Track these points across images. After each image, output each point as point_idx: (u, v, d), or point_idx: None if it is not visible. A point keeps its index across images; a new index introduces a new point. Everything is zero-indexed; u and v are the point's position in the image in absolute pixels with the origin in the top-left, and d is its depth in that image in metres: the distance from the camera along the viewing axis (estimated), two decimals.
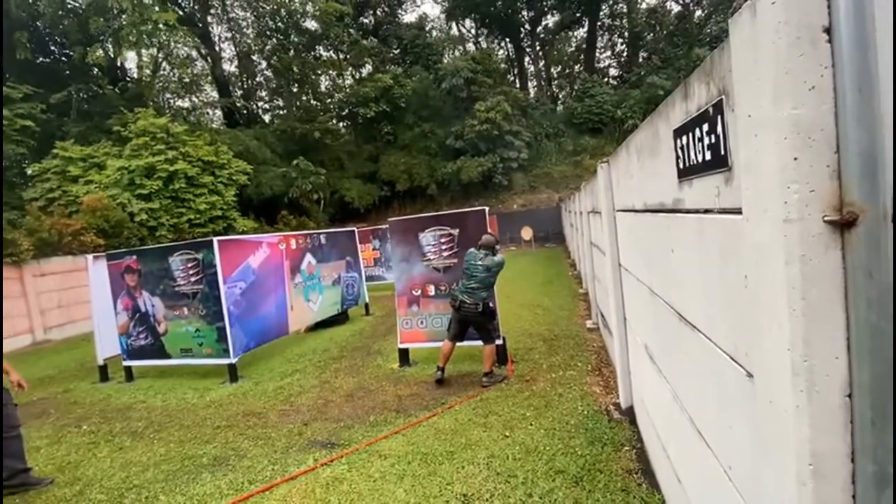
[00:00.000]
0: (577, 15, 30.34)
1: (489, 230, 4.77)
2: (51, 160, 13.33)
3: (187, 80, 20.78)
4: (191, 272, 5.51)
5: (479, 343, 4.58)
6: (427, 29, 29.18)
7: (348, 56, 27.32)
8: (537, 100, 29.33)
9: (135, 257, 5.80)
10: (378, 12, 29.49)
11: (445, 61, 27.39)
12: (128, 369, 6.06)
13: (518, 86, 30.32)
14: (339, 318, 8.07)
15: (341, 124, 29.95)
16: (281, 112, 28.85)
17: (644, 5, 31.61)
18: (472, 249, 4.52)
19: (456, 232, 5.00)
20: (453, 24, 33.83)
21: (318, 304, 7.37)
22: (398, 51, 28.20)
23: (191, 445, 3.82)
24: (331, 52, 29.31)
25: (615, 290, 3.34)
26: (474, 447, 3.22)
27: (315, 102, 28.98)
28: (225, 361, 5.46)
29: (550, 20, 31.44)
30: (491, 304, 4.44)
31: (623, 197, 2.83)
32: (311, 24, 26.16)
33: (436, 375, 4.60)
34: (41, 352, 9.07)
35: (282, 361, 6.13)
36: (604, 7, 30.58)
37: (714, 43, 22.94)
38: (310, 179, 21.01)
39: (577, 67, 34.43)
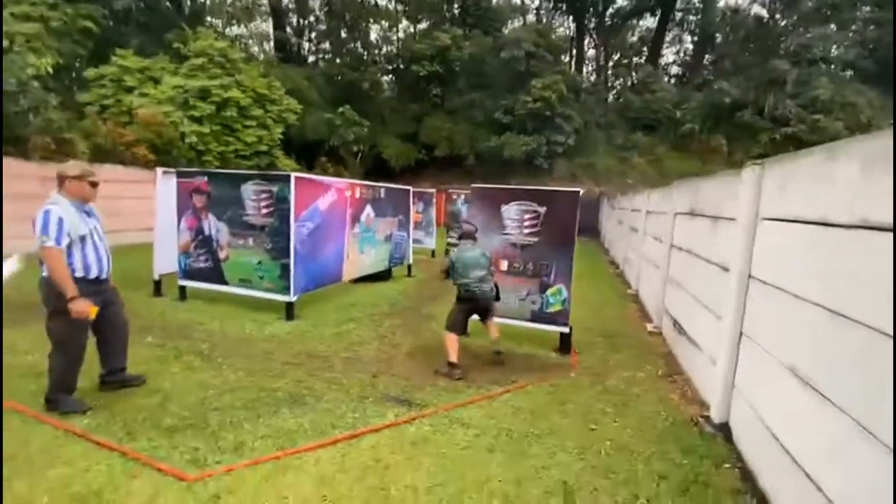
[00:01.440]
0: (651, 3, 28.74)
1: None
2: (109, 66, 13.19)
3: (247, 4, 20.23)
4: (262, 204, 5.41)
5: (538, 326, 4.78)
6: None
7: (407, 8, 26.35)
8: (593, 86, 28.22)
9: (206, 179, 5.71)
10: None
11: (505, 31, 26.35)
12: (182, 288, 6.09)
13: (573, 68, 29.15)
14: (383, 275, 8.01)
15: (384, 78, 29.33)
16: (326, 56, 28.25)
17: (722, 3, 29.83)
18: (462, 244, 4.43)
19: (543, 210, 4.79)
20: None
21: (370, 257, 7.29)
22: (458, 10, 27.11)
23: (261, 377, 3.80)
24: (389, 2, 28.38)
25: (736, 301, 3.14)
26: (560, 434, 3.13)
27: (363, 52, 28.30)
28: (284, 298, 5.43)
29: (622, 3, 29.84)
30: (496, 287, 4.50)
31: (793, 206, 2.59)
32: None
33: (454, 374, 4.01)
34: None
35: (334, 308, 6.10)
36: (679, 0, 28.91)
37: (794, 58, 21.64)
38: (353, 129, 20.69)
39: (635, 59, 32.93)
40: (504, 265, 5.01)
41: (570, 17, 32.21)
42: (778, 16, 27.16)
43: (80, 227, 3.03)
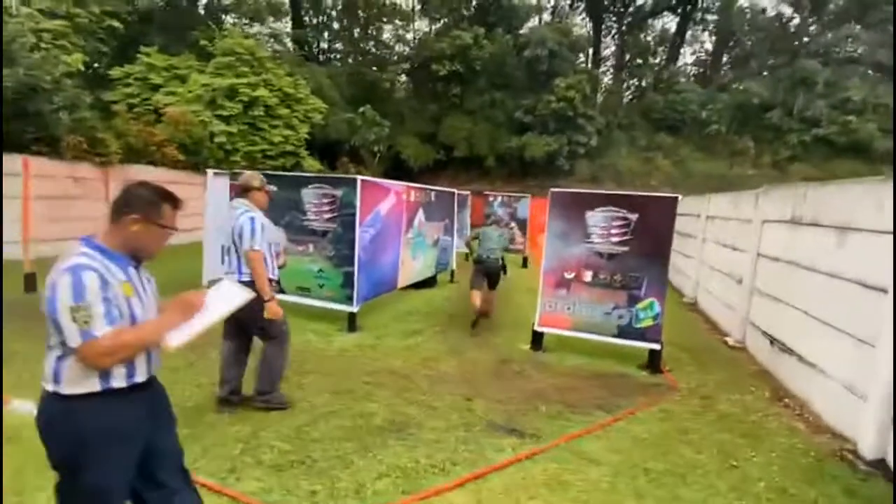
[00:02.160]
0: (672, 1, 28.25)
1: None
2: (134, 65, 12.97)
3: (269, 3, 19.98)
4: (325, 209, 5.11)
5: (620, 341, 4.61)
6: None
7: (423, 6, 26.01)
8: (615, 85, 27.77)
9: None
10: None
11: (525, 29, 25.96)
12: None
13: (590, 66, 28.68)
14: (429, 281, 7.70)
15: (402, 77, 29.03)
16: (338, 56, 27.99)
17: (744, 1, 29.28)
18: (490, 224, 6.34)
19: (634, 217, 4.45)
20: None
21: (419, 263, 6.98)
22: (475, 9, 26.73)
23: (349, 399, 3.48)
24: None
25: (886, 323, 2.78)
26: (702, 473, 2.79)
27: (376, 51, 28.01)
28: (346, 308, 5.13)
29: (641, 1, 29.33)
30: (504, 262, 5.93)
31: None
32: None
33: (471, 323, 5.41)
34: None
35: (392, 318, 5.79)
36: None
37: (822, 57, 21.13)
38: (374, 129, 20.39)
39: (654, 59, 32.40)
40: (587, 276, 4.67)
41: (587, 16, 31.78)
42: (797, 15, 26.60)
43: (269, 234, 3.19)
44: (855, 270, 3.37)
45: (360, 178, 4.96)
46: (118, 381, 1.46)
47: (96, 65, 14.99)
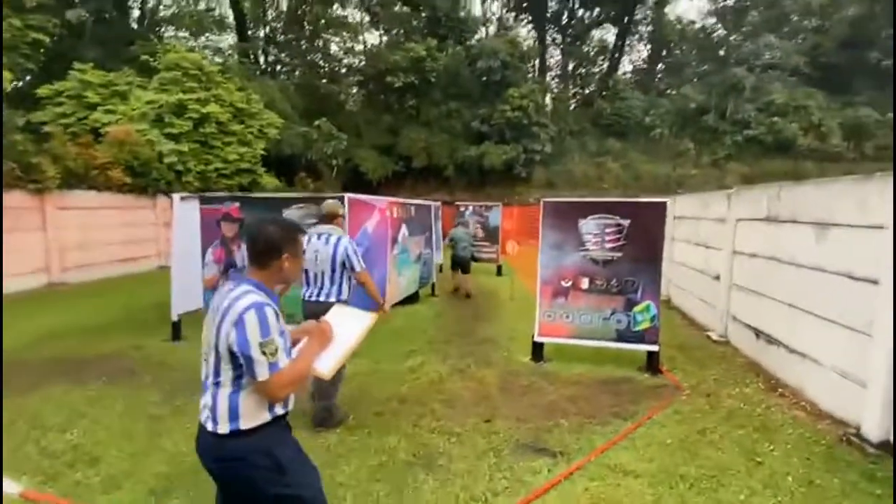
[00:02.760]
0: (612, 14, 29.90)
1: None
2: (65, 82, 11.92)
3: (212, 16, 19.09)
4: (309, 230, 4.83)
5: (619, 345, 4.68)
6: (462, 3, 27.94)
7: (378, 18, 25.93)
8: (562, 93, 28.88)
9: (237, 204, 5.07)
10: None
11: (474, 41, 26.47)
12: None
13: (538, 76, 29.68)
14: (412, 297, 7.53)
15: (354, 90, 28.70)
16: (286, 69, 27.30)
17: (672, 16, 31.49)
18: (459, 226, 8.25)
19: (626, 223, 4.55)
20: (476, 2, 32.72)
21: (405, 279, 6.80)
22: (426, 21, 26.97)
23: (366, 434, 3.27)
24: (355, 10, 27.88)
25: (881, 313, 2.98)
26: (734, 473, 2.83)
27: (325, 64, 27.56)
28: None
29: (583, 13, 30.81)
30: (473, 254, 8.29)
31: None
32: None
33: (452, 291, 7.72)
34: (63, 296, 8.10)
35: (386, 338, 5.56)
36: (637, 12, 30.23)
37: (749, 64, 23.06)
38: (331, 143, 19.94)
39: (594, 68, 34.08)
40: (584, 283, 4.71)
41: (532, 28, 32.97)
42: (721, 27, 28.97)
43: None
44: (840, 264, 3.60)
45: (347, 195, 4.76)
46: (279, 408, 1.54)
47: (19, 83, 13.68)
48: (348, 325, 1.79)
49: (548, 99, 27.71)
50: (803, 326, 4.04)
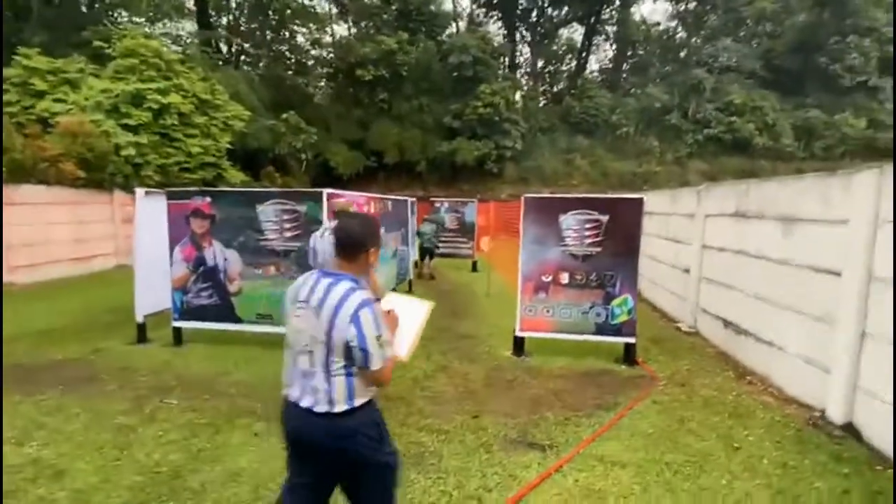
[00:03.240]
0: (579, 13, 30.45)
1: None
2: (9, 68, 11.05)
3: (170, 2, 18.12)
4: (286, 226, 4.69)
5: (598, 338, 4.79)
6: None
7: (346, 10, 25.39)
8: (531, 91, 29.22)
9: (208, 199, 4.83)
10: None
11: (445, 36, 26.38)
12: (177, 331, 5.10)
13: (508, 73, 29.90)
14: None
15: (323, 82, 28.05)
16: (250, 59, 26.38)
17: (637, 17, 32.41)
18: (427, 221, 9.37)
19: (605, 219, 4.63)
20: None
21: (383, 277, 6.69)
22: (396, 14, 26.63)
23: None
24: (323, 1, 27.19)
25: (857, 303, 3.17)
26: (715, 460, 2.94)
27: (291, 55, 26.79)
28: None
29: (552, 12, 31.23)
30: (436, 243, 9.81)
31: None
32: None
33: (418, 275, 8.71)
34: (12, 297, 7.52)
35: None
36: (605, 12, 30.91)
37: (708, 66, 24.04)
38: (300, 137, 19.43)
39: (563, 67, 34.69)
40: (564, 278, 4.78)
41: (502, 25, 33.15)
42: (682, 29, 30.08)
43: None
44: (805, 257, 3.80)
45: (325, 191, 4.63)
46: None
47: None
48: (408, 312, 1.90)
49: (518, 96, 27.99)
50: (770, 317, 4.25)
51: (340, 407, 1.59)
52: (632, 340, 4.73)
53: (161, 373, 4.31)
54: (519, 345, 4.96)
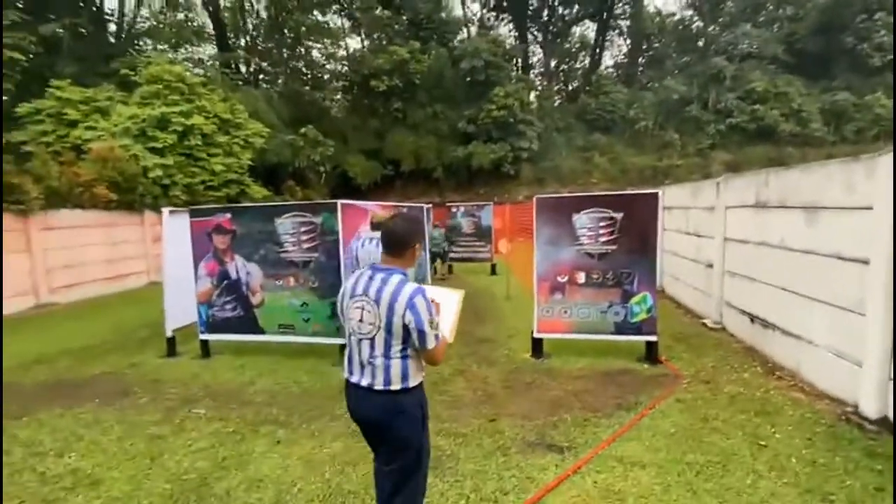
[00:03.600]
0: (590, 10, 30.15)
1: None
2: (44, 100, 11.72)
3: (192, 27, 18.89)
4: (304, 237, 4.81)
5: (618, 337, 4.73)
6: (443, 4, 27.96)
7: (359, 23, 25.86)
8: (546, 91, 29.04)
9: (229, 216, 5.01)
10: None
11: (457, 42, 26.53)
12: (204, 344, 5.29)
13: (521, 74, 29.77)
14: None
15: (339, 95, 28.59)
16: (268, 77, 27.15)
17: (651, 8, 31.86)
18: (436, 229, 8.74)
19: (619, 216, 4.58)
20: (457, 4, 32.81)
21: None
22: (407, 24, 26.97)
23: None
24: (336, 17, 27.80)
25: (885, 295, 3.03)
26: (740, 459, 2.86)
27: (308, 70, 27.41)
28: (337, 341, 4.83)
29: (563, 11, 31.03)
30: (445, 248, 10.48)
31: None
32: None
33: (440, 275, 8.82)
34: (53, 317, 7.95)
35: None
36: (616, 7, 30.52)
37: (728, 54, 23.43)
38: (318, 150, 19.86)
39: (577, 64, 34.33)
40: (580, 278, 4.73)
41: (513, 27, 33.13)
42: (698, 18, 29.35)
43: None
44: (830, 246, 3.66)
45: (339, 202, 4.73)
46: (424, 372, 1.96)
47: None
48: (445, 300, 2.03)
49: (532, 96, 27.86)
50: (797, 309, 4.10)
51: (396, 386, 1.83)
52: (653, 338, 4.64)
53: (190, 384, 4.47)
54: (537, 347, 4.93)
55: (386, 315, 1.77)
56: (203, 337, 5.27)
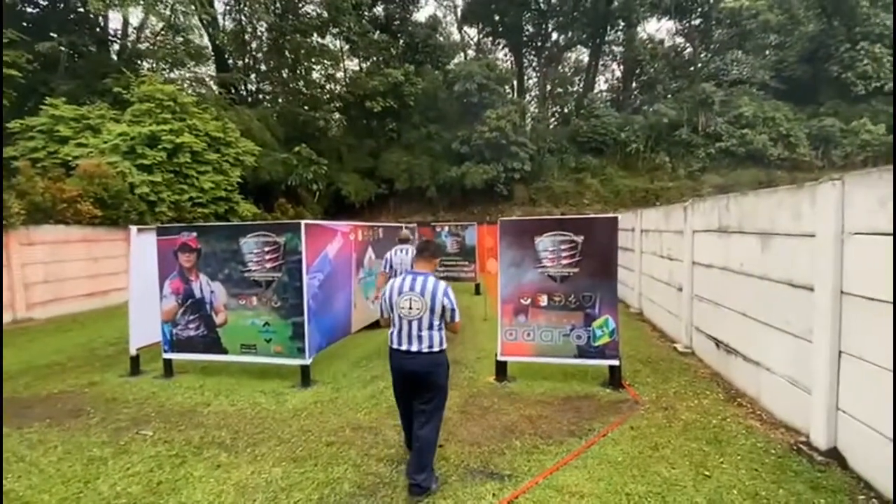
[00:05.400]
0: (584, 36, 30.86)
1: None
2: (37, 117, 11.87)
3: (191, 48, 19.31)
4: (267, 257, 4.81)
5: (580, 361, 4.69)
6: (438, 30, 28.68)
7: (356, 46, 26.44)
8: (540, 113, 29.51)
9: (194, 234, 5.02)
10: (390, 6, 28.73)
11: (452, 65, 27.08)
12: (168, 363, 5.23)
13: (516, 96, 30.30)
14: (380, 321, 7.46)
15: (336, 115, 29.02)
16: (267, 97, 27.62)
17: (643, 35, 32.61)
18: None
19: (580, 239, 4.59)
20: (454, 29, 33.61)
21: (373, 302, 6.74)
22: (404, 48, 27.58)
23: (312, 466, 3.18)
24: (335, 40, 28.43)
25: (831, 320, 3.02)
26: (679, 487, 2.81)
27: (307, 91, 27.91)
28: (298, 362, 4.79)
29: (557, 36, 31.78)
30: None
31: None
32: (314, 9, 25.34)
33: None
34: (28, 332, 7.88)
35: (350, 365, 5.49)
36: (609, 34, 31.25)
37: (717, 80, 23.90)
38: (311, 168, 20.06)
39: (571, 88, 34.96)
40: (543, 300, 4.72)
41: (508, 51, 33.88)
42: (689, 45, 30.02)
43: None
44: (781, 272, 3.66)
45: (303, 221, 4.76)
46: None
47: None
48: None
49: (527, 118, 28.28)
50: (756, 335, 4.08)
51: (436, 348, 2.90)
52: (615, 362, 4.59)
53: (144, 404, 4.41)
54: (501, 370, 4.88)
55: (431, 302, 2.84)
56: (166, 356, 5.22)
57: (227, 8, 24.75)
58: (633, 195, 23.25)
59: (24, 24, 14.36)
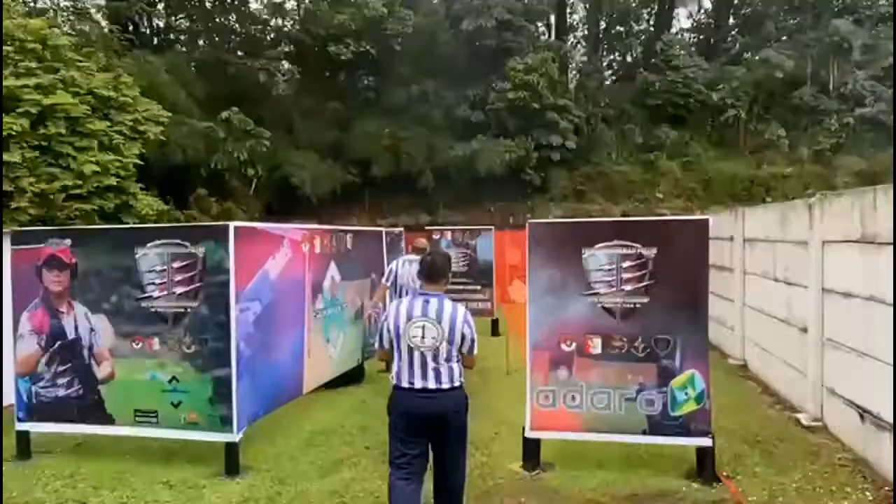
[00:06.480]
0: None
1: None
2: None
3: None
4: (177, 278, 4.84)
5: (652, 439, 4.74)
6: None
7: None
8: (590, 63, 29.87)
9: (68, 243, 5.05)
10: None
11: None
12: (24, 437, 5.22)
13: (553, 38, 30.74)
14: (355, 374, 7.49)
15: (285, 65, 29.49)
16: (183, 38, 28.08)
17: None
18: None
19: (652, 253, 4.60)
20: None
21: (337, 347, 6.79)
22: None
23: None
24: None
25: None
26: None
27: (240, 29, 28.37)
28: (222, 438, 4.78)
29: None
30: None
31: None
32: None
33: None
34: None
35: (299, 444, 5.50)
36: None
37: (857, 13, 24.21)
38: (246, 144, 20.27)
39: (638, 25, 35.49)
40: (595, 346, 4.72)
41: None
42: None
43: None
44: None
45: (233, 224, 4.79)
46: None
47: None
48: None
49: (571, 71, 28.59)
50: None
51: (457, 383, 3.34)
52: (706, 442, 4.56)
53: None
54: (531, 451, 4.87)
55: (449, 330, 3.29)
56: (21, 427, 5.21)
57: None
58: (732, 186, 23.48)
59: None
